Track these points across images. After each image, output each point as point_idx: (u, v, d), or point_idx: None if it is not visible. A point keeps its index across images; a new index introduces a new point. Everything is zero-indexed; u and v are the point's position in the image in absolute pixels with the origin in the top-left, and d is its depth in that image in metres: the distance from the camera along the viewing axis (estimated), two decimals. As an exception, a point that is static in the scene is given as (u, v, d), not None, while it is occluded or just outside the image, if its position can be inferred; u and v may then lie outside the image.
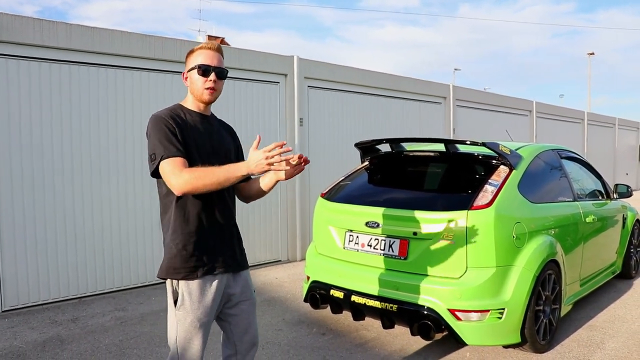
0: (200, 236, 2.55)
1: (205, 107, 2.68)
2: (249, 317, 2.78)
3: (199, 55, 2.60)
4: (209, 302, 2.56)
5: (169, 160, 2.42)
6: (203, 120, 2.66)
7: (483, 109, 12.81)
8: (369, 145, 5.22)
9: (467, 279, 3.97)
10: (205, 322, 2.57)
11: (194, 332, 2.55)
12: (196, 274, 2.52)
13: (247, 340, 2.79)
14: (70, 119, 5.82)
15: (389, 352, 4.42)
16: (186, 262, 2.52)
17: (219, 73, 2.61)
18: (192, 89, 2.64)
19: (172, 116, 2.54)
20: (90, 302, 5.83)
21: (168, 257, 2.55)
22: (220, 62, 2.64)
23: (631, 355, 4.35)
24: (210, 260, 2.57)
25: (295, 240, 8.10)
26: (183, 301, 2.53)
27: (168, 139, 2.45)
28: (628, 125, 22.17)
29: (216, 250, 2.60)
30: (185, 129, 2.54)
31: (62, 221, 5.80)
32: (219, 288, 2.61)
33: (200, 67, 2.58)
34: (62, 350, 4.49)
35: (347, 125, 8.98)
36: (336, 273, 4.56)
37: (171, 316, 2.58)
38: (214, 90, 2.62)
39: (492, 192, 4.14)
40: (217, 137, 2.70)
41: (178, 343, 2.55)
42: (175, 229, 2.55)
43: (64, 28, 5.72)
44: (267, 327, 5.03)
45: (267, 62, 7.69)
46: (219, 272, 2.60)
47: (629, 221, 6.74)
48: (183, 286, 2.53)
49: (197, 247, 2.54)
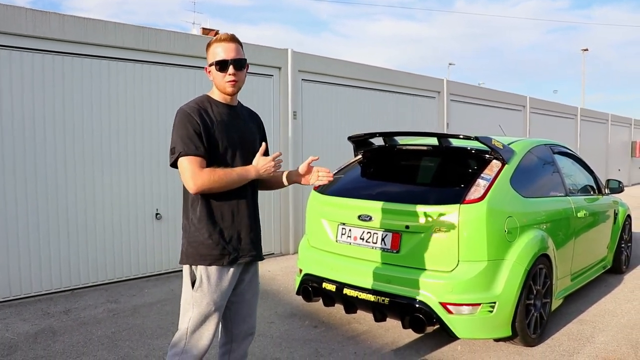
0: (224, 226, 2.64)
1: (231, 98, 2.74)
2: (250, 307, 2.86)
3: (215, 49, 2.65)
4: (225, 286, 2.65)
5: (187, 158, 2.51)
6: (230, 111, 2.72)
7: (477, 103, 12.84)
8: (362, 139, 5.23)
9: (459, 272, 3.99)
10: (220, 306, 2.65)
11: (209, 314, 2.62)
12: (222, 261, 2.61)
13: (245, 330, 2.86)
14: (63, 110, 5.79)
15: (380, 345, 4.44)
16: (212, 250, 2.60)
17: (236, 64, 2.65)
18: (216, 82, 2.69)
19: (198, 111, 2.60)
20: (83, 294, 5.82)
21: (194, 245, 2.62)
22: (237, 52, 2.67)
23: (620, 348, 4.38)
24: (235, 249, 2.66)
25: (288, 233, 8.10)
26: (201, 284, 2.60)
27: (189, 136, 2.52)
28: (621, 121, 22.27)
29: (241, 240, 2.69)
30: (211, 123, 2.60)
31: (55, 213, 5.78)
32: (235, 274, 2.70)
33: (217, 63, 2.63)
34: (54, 342, 4.49)
35: (340, 118, 8.98)
36: (328, 266, 4.57)
37: (187, 298, 2.64)
38: (236, 82, 2.67)
39: (484, 187, 4.15)
40: (243, 127, 2.77)
41: (190, 324, 2.61)
42: (200, 218, 2.62)
43: (57, 19, 5.69)
44: (260, 319, 5.03)
45: (261, 55, 7.67)
46: (242, 261, 2.70)
47: (620, 216, 6.78)
48: (202, 270, 2.61)
49: (222, 236, 2.63)
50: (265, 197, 7.79)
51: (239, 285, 2.79)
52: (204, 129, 2.56)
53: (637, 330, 4.81)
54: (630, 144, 23.33)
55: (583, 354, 4.27)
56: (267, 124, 7.69)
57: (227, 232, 2.65)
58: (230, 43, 2.65)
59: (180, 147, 2.52)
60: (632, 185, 22.75)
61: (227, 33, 2.71)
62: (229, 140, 2.64)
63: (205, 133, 2.56)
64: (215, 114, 2.65)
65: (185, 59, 6.80)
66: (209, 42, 2.70)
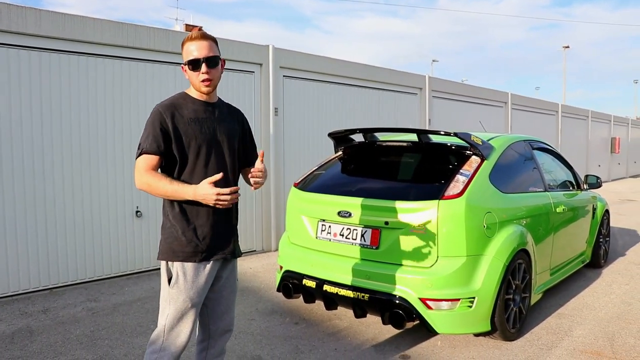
0: (198, 224, 2.64)
1: (208, 95, 2.72)
2: (227, 304, 2.86)
3: (188, 48, 2.64)
4: (201, 283, 2.65)
5: (144, 156, 2.56)
6: (207, 109, 2.71)
7: (459, 100, 12.89)
8: (342, 135, 5.23)
9: (438, 268, 4.00)
10: (196, 303, 2.65)
11: (185, 310, 2.62)
12: (194, 259, 2.61)
13: (222, 327, 2.86)
14: (41, 107, 5.71)
15: (361, 341, 4.44)
16: (185, 247, 2.61)
17: (209, 62, 2.62)
18: (191, 81, 2.68)
19: (171, 109, 2.61)
20: (62, 293, 5.76)
21: (168, 241, 2.64)
22: (210, 50, 2.64)
23: (597, 341, 4.43)
24: (208, 247, 2.65)
25: (269, 230, 8.08)
26: (177, 280, 2.61)
27: (153, 134, 2.55)
28: (601, 117, 22.51)
29: (215, 238, 2.68)
30: (183, 121, 2.60)
31: (33, 210, 5.71)
32: (212, 270, 2.69)
33: (189, 62, 2.62)
34: (31, 341, 4.43)
35: (322, 115, 8.96)
36: (309, 262, 4.57)
37: (164, 295, 2.65)
38: (210, 80, 2.65)
39: (463, 182, 4.17)
40: (220, 124, 2.74)
41: (168, 320, 2.62)
42: (175, 214, 2.63)
43: (34, 14, 5.61)
44: (240, 316, 5.02)
45: (242, 52, 7.63)
46: (216, 259, 2.69)
47: (598, 211, 6.85)
48: (178, 266, 2.61)
49: (195, 233, 2.62)
50: (247, 194, 7.77)
51: (216, 282, 2.79)
52: (174, 127, 2.57)
53: (613, 323, 4.86)
54: (610, 140, 23.59)
55: (561, 348, 4.31)
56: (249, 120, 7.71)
57: (201, 230, 2.63)
58: (202, 41, 2.63)
59: (143, 144, 2.56)
60: (611, 181, 23.03)
61: (200, 31, 2.70)
62: (202, 138, 2.63)
63: (175, 132, 2.57)
64: (190, 111, 2.64)
65: (166, 55, 6.74)
66: (183, 40, 2.68)
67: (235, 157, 2.81)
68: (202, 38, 2.63)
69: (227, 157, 2.73)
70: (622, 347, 4.33)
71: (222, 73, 2.78)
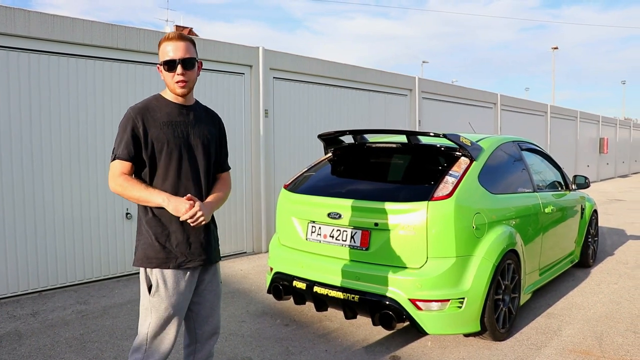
0: (172, 230, 2.59)
1: (183, 97, 2.67)
2: (212, 307, 2.82)
3: (164, 48, 2.59)
4: (182, 289, 2.61)
5: (116, 162, 2.53)
6: (181, 111, 2.66)
7: (449, 101, 12.94)
8: (332, 137, 5.23)
9: (428, 269, 4.02)
10: (179, 309, 2.62)
11: (168, 318, 2.59)
12: (168, 265, 2.56)
13: (208, 330, 2.82)
14: (30, 108, 5.68)
15: (351, 342, 4.45)
16: (159, 253, 2.56)
17: (185, 64, 2.57)
18: (166, 83, 2.64)
19: (144, 113, 2.56)
20: (51, 296, 5.73)
21: (143, 247, 2.60)
22: (187, 51, 2.59)
23: (585, 340, 4.47)
24: (183, 253, 2.60)
25: (260, 231, 8.08)
26: (158, 288, 2.57)
27: (126, 140, 2.51)
28: (589, 118, 22.66)
29: (188, 245, 2.62)
30: (155, 125, 2.56)
31: (22, 212, 5.68)
32: (192, 276, 2.66)
33: (165, 63, 2.58)
34: (19, 345, 4.41)
35: (312, 116, 8.98)
36: (299, 264, 4.57)
37: (145, 303, 2.61)
38: (185, 82, 2.59)
39: (452, 183, 4.19)
40: (195, 127, 2.68)
41: (150, 329, 2.58)
42: (149, 220, 2.59)
43: (23, 15, 5.58)
44: (231, 318, 5.02)
45: (232, 53, 7.63)
46: (191, 266, 2.63)
47: (587, 211, 6.90)
48: (158, 274, 2.57)
49: (169, 239, 2.58)
50: (237, 195, 7.77)
51: (199, 286, 2.75)
52: (144, 130, 2.53)
53: (602, 322, 4.90)
54: (598, 140, 23.76)
55: (550, 347, 4.34)
56: (239, 122, 7.76)
57: (175, 236, 2.58)
58: (179, 42, 2.58)
59: (116, 151, 2.54)
60: (600, 181, 23.19)
61: (175, 32, 2.65)
62: (175, 141, 2.58)
63: (145, 136, 2.53)
64: (163, 114, 2.59)
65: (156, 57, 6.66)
66: (160, 41, 2.63)
67: (210, 162, 2.75)
68: (179, 39, 2.59)
69: (200, 162, 2.68)
70: (610, 346, 4.36)
71: (199, 76, 2.73)
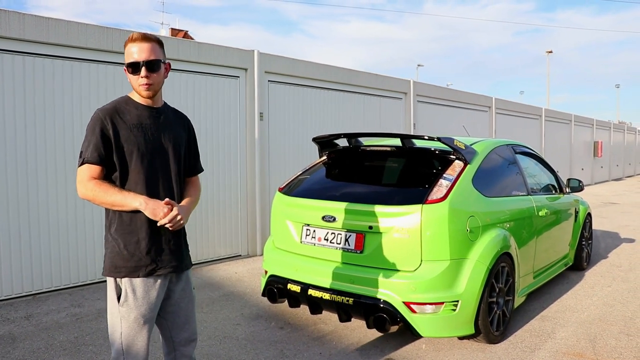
0: (141, 237, 2.51)
1: (152, 99, 2.60)
2: (187, 314, 2.75)
3: (128, 49, 2.50)
4: (152, 298, 2.55)
5: (85, 166, 2.44)
6: (151, 114, 2.59)
7: (443, 104, 12.98)
8: (326, 140, 5.24)
9: (422, 272, 4.03)
10: (149, 318, 2.55)
11: (139, 328, 2.52)
12: (137, 273, 2.50)
13: (185, 337, 2.76)
14: (25, 111, 5.68)
15: (345, 345, 4.45)
16: (127, 262, 2.50)
17: (149, 66, 2.49)
18: (132, 85, 2.56)
19: (112, 115, 2.49)
20: (45, 299, 5.72)
21: (110, 256, 2.53)
22: (151, 52, 2.50)
23: (579, 343, 4.48)
24: (152, 261, 2.53)
25: (255, 234, 8.08)
26: (127, 298, 2.50)
27: (95, 143, 2.43)
28: (584, 121, 22.75)
29: (159, 252, 2.56)
30: (125, 127, 2.48)
31: (16, 215, 5.67)
32: (162, 284, 2.59)
33: (128, 65, 2.50)
34: (13, 348, 4.40)
35: (307, 120, 8.99)
36: (293, 267, 4.58)
37: (114, 312, 2.54)
38: (149, 85, 2.52)
39: (446, 187, 4.20)
40: (165, 130, 2.62)
41: (123, 339, 2.52)
42: (117, 228, 2.52)
43: (17, 18, 5.58)
44: (226, 321, 5.02)
45: (227, 56, 7.64)
46: (162, 273, 2.57)
47: (580, 214, 6.93)
48: (126, 283, 2.50)
49: (139, 247, 2.51)
50: (232, 198, 7.77)
51: (171, 295, 2.68)
52: (115, 133, 2.45)
53: (595, 325, 4.92)
54: (593, 144, 23.85)
55: (544, 350, 4.35)
56: (234, 125, 7.77)
57: (144, 243, 2.51)
58: (143, 43, 2.49)
59: (84, 154, 2.45)
60: (594, 184, 23.27)
61: (140, 32, 2.55)
62: (146, 145, 2.51)
63: (116, 138, 2.45)
64: (133, 116, 2.52)
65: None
66: (125, 41, 2.54)
67: (181, 165, 2.70)
68: (143, 40, 2.50)
69: (172, 165, 2.62)
70: (604, 348, 4.38)
71: (166, 78, 2.66)
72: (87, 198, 2.44)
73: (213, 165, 7.50)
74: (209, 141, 7.43)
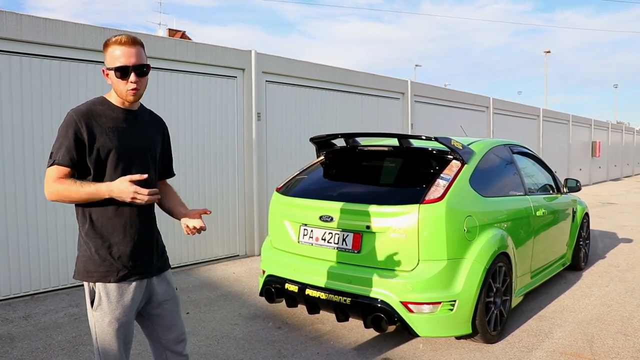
0: (114, 241, 2.47)
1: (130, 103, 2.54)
2: (172, 315, 2.72)
3: (114, 52, 2.42)
4: (127, 302, 2.49)
5: (54, 167, 2.37)
6: (127, 117, 2.53)
7: (441, 104, 12.98)
8: (324, 140, 5.25)
9: (419, 271, 4.03)
10: (124, 322, 2.49)
11: (113, 332, 2.47)
12: (109, 278, 2.45)
13: (174, 337, 2.73)
14: (22, 112, 5.67)
15: (343, 344, 4.46)
16: (99, 267, 2.45)
17: (138, 72, 2.45)
18: (115, 89, 2.48)
19: (88, 116, 2.41)
20: (43, 299, 5.71)
21: (82, 260, 2.49)
22: (139, 57, 2.46)
23: (576, 343, 4.49)
24: (124, 266, 2.48)
25: (253, 234, 8.07)
26: (100, 302, 2.45)
27: (68, 145, 2.36)
28: (581, 122, 22.78)
29: (131, 256, 2.50)
30: (100, 129, 2.41)
31: (14, 215, 5.66)
32: (138, 288, 2.54)
33: (117, 69, 2.41)
34: (12, 348, 4.39)
35: (304, 120, 8.99)
36: (291, 267, 4.58)
37: (89, 317, 2.50)
38: (137, 90, 2.47)
39: (443, 187, 4.21)
40: (141, 133, 2.57)
41: (99, 344, 2.48)
42: (88, 231, 2.48)
43: (14, 18, 5.57)
44: (223, 321, 5.02)
45: (224, 57, 7.63)
46: (134, 278, 2.51)
47: (578, 214, 6.94)
48: (100, 287, 2.45)
49: (110, 252, 2.46)
50: (230, 198, 7.77)
51: (154, 298, 2.64)
52: (89, 136, 2.38)
53: (593, 325, 4.93)
54: (591, 144, 23.88)
55: (541, 350, 4.35)
56: (231, 125, 7.76)
57: (117, 248, 2.47)
58: (132, 47, 2.43)
59: (55, 155, 2.38)
60: (592, 184, 23.30)
61: (128, 35, 2.48)
62: (122, 147, 2.45)
63: (90, 140, 2.38)
64: (109, 119, 2.46)
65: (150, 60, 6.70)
66: (107, 41, 2.45)
67: (156, 167, 2.67)
68: (133, 44, 2.44)
69: (149, 168, 2.57)
70: (601, 348, 4.39)
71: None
72: (53, 198, 2.38)
73: (210, 166, 7.50)
74: (206, 142, 7.43)
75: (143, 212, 2.54)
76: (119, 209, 2.46)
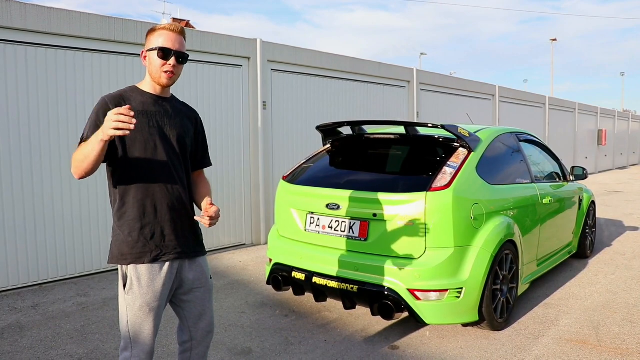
0: (145, 222, 2.52)
1: (162, 89, 2.62)
2: (203, 304, 2.74)
3: (161, 36, 2.52)
4: (159, 286, 2.53)
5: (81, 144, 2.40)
6: (157, 103, 2.59)
7: (447, 93, 12.94)
8: (330, 128, 5.24)
9: (426, 259, 4.04)
10: (155, 307, 2.53)
11: (144, 316, 2.51)
12: (143, 260, 2.49)
13: (202, 327, 2.75)
14: (28, 102, 5.69)
15: (350, 332, 4.48)
16: (132, 249, 2.49)
17: (179, 57, 2.54)
18: (150, 69, 2.56)
19: (118, 100, 2.48)
20: (52, 289, 5.75)
21: (116, 243, 2.53)
22: (182, 46, 2.56)
23: (582, 330, 4.50)
24: (157, 247, 2.53)
25: (259, 223, 8.10)
26: (132, 285, 2.50)
27: (96, 124, 2.41)
28: (588, 110, 22.67)
29: (165, 237, 2.56)
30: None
31: (21, 205, 5.69)
32: (170, 273, 2.57)
33: (161, 49, 2.50)
34: (21, 337, 4.43)
35: (310, 108, 8.98)
36: (298, 255, 4.59)
37: (121, 300, 2.55)
38: (173, 74, 2.55)
39: (450, 174, 4.20)
40: (170, 119, 2.62)
41: (130, 327, 2.52)
42: (121, 215, 2.52)
43: (19, 8, 5.57)
44: (231, 309, 5.04)
45: (230, 45, 7.62)
46: (168, 259, 2.56)
47: (584, 203, 6.92)
48: (132, 270, 2.50)
49: (142, 233, 2.51)
50: (236, 187, 7.79)
51: (185, 284, 2.67)
52: None
53: (599, 312, 4.93)
54: (597, 132, 23.78)
55: (548, 337, 4.36)
56: (237, 114, 7.76)
57: (149, 229, 2.52)
58: (178, 35, 2.55)
59: (84, 133, 2.44)
60: (598, 173, 23.22)
61: (177, 24, 2.58)
62: (149, 132, 2.51)
63: None
64: (138, 102, 2.52)
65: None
66: (153, 27, 2.56)
67: (187, 155, 2.69)
68: (180, 32, 2.56)
69: (175, 153, 2.60)
70: (607, 335, 4.39)
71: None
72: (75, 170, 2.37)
73: (217, 155, 7.50)
74: (212, 131, 7.43)
75: (174, 193, 2.58)
76: (149, 190, 2.52)
